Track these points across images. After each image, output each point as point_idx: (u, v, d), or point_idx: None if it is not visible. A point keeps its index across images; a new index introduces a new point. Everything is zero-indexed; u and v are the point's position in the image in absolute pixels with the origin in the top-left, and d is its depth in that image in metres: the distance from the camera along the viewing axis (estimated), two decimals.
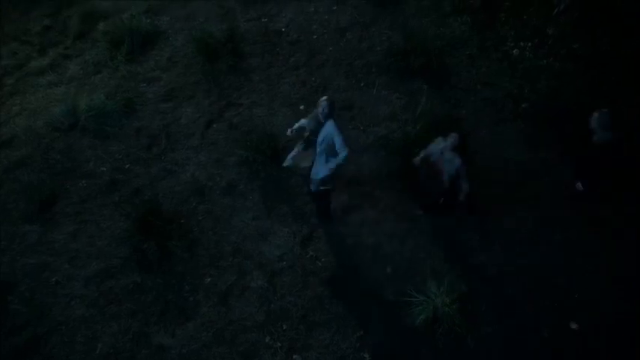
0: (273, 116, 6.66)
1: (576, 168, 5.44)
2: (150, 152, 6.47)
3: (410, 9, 7.65)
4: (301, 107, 6.71)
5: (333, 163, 5.10)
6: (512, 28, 7.22)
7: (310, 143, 5.23)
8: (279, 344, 5.01)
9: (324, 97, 5.05)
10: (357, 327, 5.08)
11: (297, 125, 5.34)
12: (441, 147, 5.21)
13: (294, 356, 4.95)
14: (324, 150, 5.08)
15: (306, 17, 7.79)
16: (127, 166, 6.35)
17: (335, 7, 7.83)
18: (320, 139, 5.05)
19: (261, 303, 5.27)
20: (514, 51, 7.05)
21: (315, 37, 7.52)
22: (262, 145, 6.18)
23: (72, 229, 5.83)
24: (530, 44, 7.09)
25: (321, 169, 5.19)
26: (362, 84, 6.85)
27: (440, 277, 5.12)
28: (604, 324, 4.94)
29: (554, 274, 5.26)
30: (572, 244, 5.44)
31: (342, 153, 5.01)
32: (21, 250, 5.72)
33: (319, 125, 5.05)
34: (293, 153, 5.40)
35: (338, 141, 4.97)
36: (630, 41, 6.84)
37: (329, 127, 4.98)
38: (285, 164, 5.46)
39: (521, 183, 5.85)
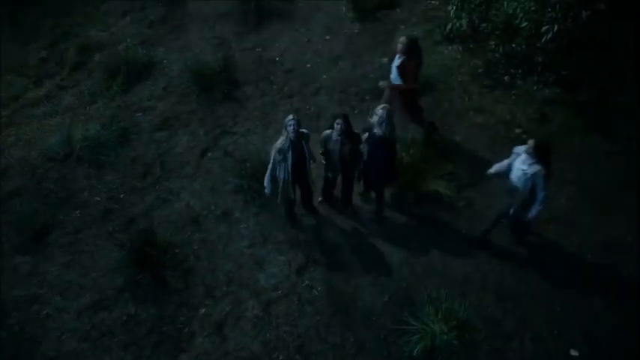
0: (267, 144, 6.65)
1: None
2: (145, 181, 6.46)
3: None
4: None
5: None
6: (502, 56, 7.37)
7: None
8: None
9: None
10: (354, 357, 4.99)
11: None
12: None
13: None
14: None
15: (299, 46, 7.93)
16: (122, 195, 6.33)
17: (328, 37, 7.98)
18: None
19: (256, 333, 5.18)
20: (505, 78, 7.18)
21: (308, 65, 7.64)
22: (257, 173, 6.19)
23: (65, 261, 5.76)
24: (520, 71, 7.23)
25: None
26: (356, 111, 6.92)
27: (437, 303, 5.07)
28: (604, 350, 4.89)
29: (552, 301, 5.23)
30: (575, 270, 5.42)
31: None
32: (12, 282, 5.64)
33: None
34: None
35: None
36: (614, 67, 7.02)
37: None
38: None
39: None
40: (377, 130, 5.18)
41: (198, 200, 6.23)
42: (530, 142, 4.87)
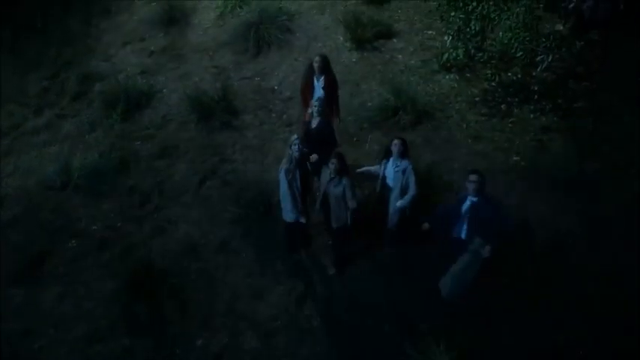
0: (266, 172, 6.68)
1: None
2: (142, 210, 6.42)
3: (398, 66, 7.91)
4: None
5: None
6: (498, 85, 7.47)
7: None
8: None
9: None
10: None
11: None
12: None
13: None
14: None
15: (298, 75, 7.94)
16: (119, 224, 6.28)
17: None
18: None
19: None
20: (502, 106, 7.25)
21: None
22: (255, 202, 6.17)
23: (59, 291, 5.67)
24: (517, 99, 7.32)
25: None
26: (354, 139, 6.95)
27: (438, 333, 4.97)
28: None
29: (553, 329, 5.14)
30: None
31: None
32: (5, 314, 5.52)
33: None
34: None
35: None
36: (608, 96, 7.11)
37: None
38: None
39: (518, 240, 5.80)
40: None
41: (196, 229, 6.18)
42: (396, 141, 5.33)
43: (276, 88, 7.91)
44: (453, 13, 6.53)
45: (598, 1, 7.61)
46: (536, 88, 7.36)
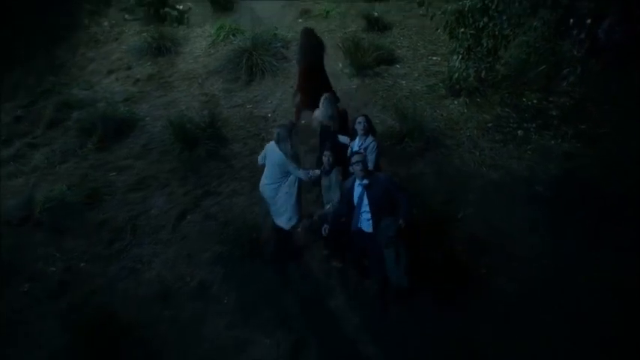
0: (255, 205, 5.88)
1: None
2: (111, 248, 5.59)
3: (403, 92, 7.28)
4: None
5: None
6: (513, 110, 6.79)
7: None
8: None
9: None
10: None
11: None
12: None
13: None
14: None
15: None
16: (82, 264, 5.43)
17: None
18: None
19: None
20: (518, 132, 6.53)
21: (303, 121, 7.02)
22: (241, 238, 5.34)
23: None
24: (534, 125, 6.61)
25: None
26: None
27: None
28: None
29: None
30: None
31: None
32: None
33: None
34: None
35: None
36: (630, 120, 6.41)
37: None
38: None
39: (546, 281, 4.92)
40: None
41: (171, 270, 5.32)
42: (360, 119, 5.04)
43: (269, 115, 7.24)
44: (462, 30, 5.92)
45: (614, 24, 7.11)
46: (554, 113, 6.68)
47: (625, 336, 4.42)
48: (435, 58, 7.95)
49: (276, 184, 4.95)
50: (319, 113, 5.45)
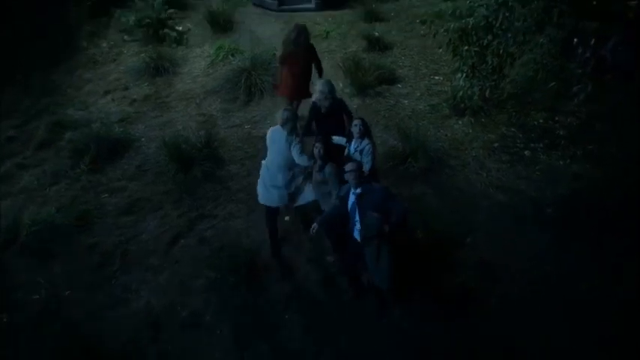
0: (251, 229, 5.61)
1: None
2: (99, 274, 5.28)
3: (405, 111, 7.08)
4: (286, 218, 5.69)
5: None
6: (519, 130, 6.58)
7: None
8: None
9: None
10: None
11: None
12: None
13: None
14: None
15: None
16: (67, 292, 5.11)
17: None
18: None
19: None
20: (525, 152, 6.30)
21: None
22: (237, 264, 5.05)
23: None
24: (541, 145, 6.39)
25: None
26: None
27: None
28: None
29: None
30: None
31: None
32: None
33: None
34: None
35: None
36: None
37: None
38: None
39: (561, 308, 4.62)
40: None
41: (161, 298, 5.00)
42: (356, 122, 4.95)
43: None
44: (466, 47, 5.75)
45: (617, 44, 6.99)
46: (561, 133, 6.48)
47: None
48: (437, 77, 7.79)
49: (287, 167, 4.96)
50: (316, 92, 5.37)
